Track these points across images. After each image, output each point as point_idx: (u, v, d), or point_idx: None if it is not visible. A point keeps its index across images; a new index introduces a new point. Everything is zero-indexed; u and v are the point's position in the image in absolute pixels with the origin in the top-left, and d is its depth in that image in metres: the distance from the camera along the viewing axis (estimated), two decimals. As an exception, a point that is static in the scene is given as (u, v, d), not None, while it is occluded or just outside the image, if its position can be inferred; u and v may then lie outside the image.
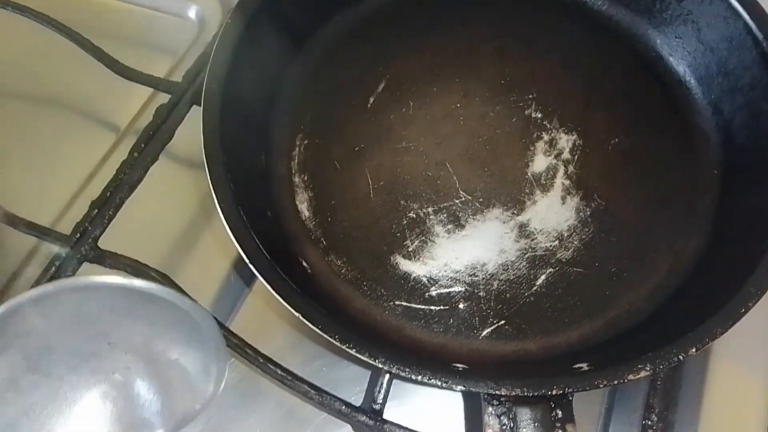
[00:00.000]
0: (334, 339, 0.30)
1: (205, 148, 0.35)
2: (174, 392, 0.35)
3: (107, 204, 0.41)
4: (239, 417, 0.39)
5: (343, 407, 0.35)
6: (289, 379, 0.36)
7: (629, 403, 0.39)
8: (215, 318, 0.34)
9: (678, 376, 0.39)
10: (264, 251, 0.33)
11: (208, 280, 0.43)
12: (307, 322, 0.31)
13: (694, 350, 0.30)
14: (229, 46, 0.39)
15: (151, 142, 0.44)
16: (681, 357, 0.30)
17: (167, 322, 0.34)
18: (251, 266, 0.33)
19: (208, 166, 0.35)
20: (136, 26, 0.55)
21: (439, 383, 0.29)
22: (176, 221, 0.45)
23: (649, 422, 0.36)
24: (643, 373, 0.30)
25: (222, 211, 0.34)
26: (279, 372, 0.36)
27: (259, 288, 0.42)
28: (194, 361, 0.35)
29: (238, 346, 0.37)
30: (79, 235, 0.40)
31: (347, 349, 0.30)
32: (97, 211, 0.41)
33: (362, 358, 0.30)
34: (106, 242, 0.40)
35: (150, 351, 0.35)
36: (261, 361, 0.36)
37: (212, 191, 0.34)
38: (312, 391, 0.35)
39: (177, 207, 0.46)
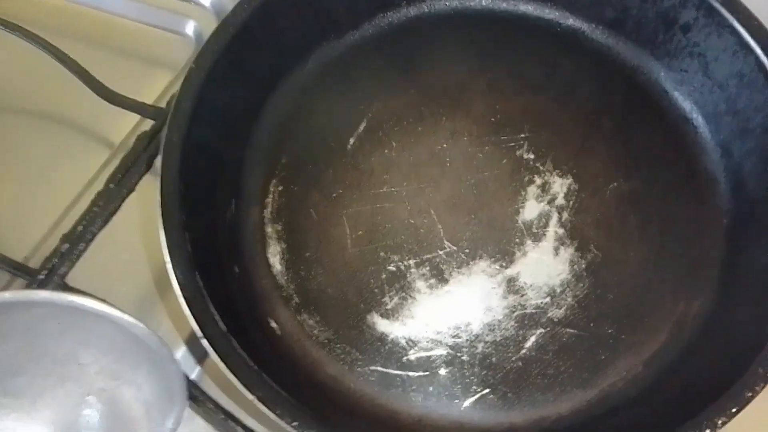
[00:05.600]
0: (278, 415, 0.28)
1: (162, 209, 0.33)
2: (129, 425, 0.34)
3: (78, 238, 0.39)
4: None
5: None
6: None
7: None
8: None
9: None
10: (219, 320, 0.31)
11: (181, 325, 0.40)
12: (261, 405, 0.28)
13: (692, 444, 0.27)
14: (195, 89, 0.37)
15: (129, 172, 0.41)
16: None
17: (126, 347, 0.33)
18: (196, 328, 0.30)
19: (164, 231, 0.32)
20: (133, 43, 0.53)
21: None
22: (153, 258, 0.43)
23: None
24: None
25: (177, 280, 0.31)
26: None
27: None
28: (153, 396, 0.34)
29: (199, 399, 0.35)
30: (46, 270, 0.38)
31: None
32: (67, 245, 0.39)
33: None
34: (75, 279, 0.39)
35: (115, 374, 0.34)
36: (222, 417, 0.34)
37: (167, 259, 0.32)
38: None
39: (155, 241, 0.44)
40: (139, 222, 0.43)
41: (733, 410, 0.28)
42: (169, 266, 0.32)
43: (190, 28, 0.53)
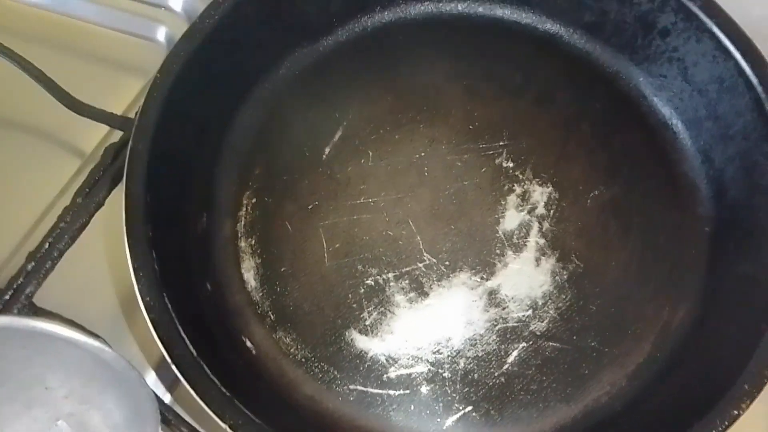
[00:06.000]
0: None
1: (126, 223, 0.31)
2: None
3: (45, 256, 0.37)
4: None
5: None
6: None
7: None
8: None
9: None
10: (188, 342, 0.30)
11: (152, 346, 0.39)
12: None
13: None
14: (161, 96, 0.35)
15: (97, 186, 0.40)
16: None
17: (95, 371, 0.31)
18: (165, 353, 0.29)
19: (129, 247, 0.31)
20: (103, 50, 0.51)
21: None
22: (122, 275, 0.41)
23: None
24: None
25: (142, 300, 0.30)
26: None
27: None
28: (124, 420, 0.32)
29: (173, 423, 0.33)
30: (12, 290, 0.36)
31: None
32: (33, 264, 0.37)
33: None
34: (43, 298, 0.37)
35: (84, 398, 0.32)
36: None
37: (132, 278, 0.30)
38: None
39: (123, 258, 0.42)
40: (109, 237, 0.42)
41: (720, 428, 0.27)
42: (135, 285, 0.30)
43: (161, 34, 0.52)
